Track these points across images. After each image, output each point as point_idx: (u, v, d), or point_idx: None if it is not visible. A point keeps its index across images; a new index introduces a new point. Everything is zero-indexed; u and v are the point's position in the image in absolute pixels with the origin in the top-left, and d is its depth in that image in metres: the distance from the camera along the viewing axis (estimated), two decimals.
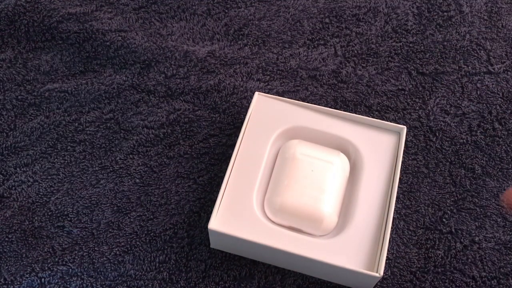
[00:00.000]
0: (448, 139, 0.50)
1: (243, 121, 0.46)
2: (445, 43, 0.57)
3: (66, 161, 0.48)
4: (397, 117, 0.51)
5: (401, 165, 0.45)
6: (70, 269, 0.42)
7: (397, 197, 0.46)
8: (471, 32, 0.58)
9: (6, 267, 0.42)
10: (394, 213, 0.45)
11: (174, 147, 0.49)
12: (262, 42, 0.56)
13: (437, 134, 0.50)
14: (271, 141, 0.45)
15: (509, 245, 0.44)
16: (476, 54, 0.56)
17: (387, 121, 0.50)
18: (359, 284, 0.41)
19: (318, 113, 0.47)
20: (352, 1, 0.60)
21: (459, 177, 0.48)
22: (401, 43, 0.57)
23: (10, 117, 0.50)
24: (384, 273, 0.38)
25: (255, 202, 0.42)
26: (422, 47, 0.56)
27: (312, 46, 0.56)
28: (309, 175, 0.42)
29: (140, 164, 0.48)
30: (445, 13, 0.59)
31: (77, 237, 0.44)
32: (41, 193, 0.46)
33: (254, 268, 0.43)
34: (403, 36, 0.57)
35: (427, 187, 0.47)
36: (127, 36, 0.56)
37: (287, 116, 0.47)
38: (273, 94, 0.52)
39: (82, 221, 0.44)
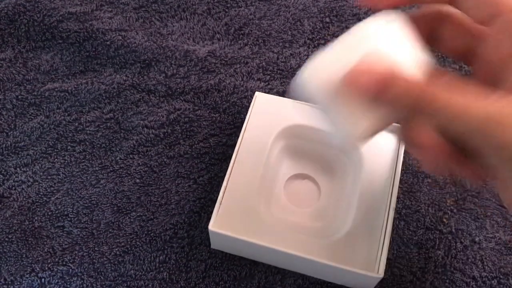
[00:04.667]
0: None
1: (244, 120, 0.46)
2: None
3: (66, 161, 0.48)
4: None
5: (401, 165, 0.45)
6: (70, 269, 0.42)
7: (397, 197, 0.46)
8: None
9: (6, 267, 0.42)
10: (394, 213, 0.45)
11: (174, 147, 0.49)
12: (263, 42, 0.56)
13: None
14: (271, 141, 0.45)
15: (509, 245, 0.44)
16: None
17: None
18: (359, 284, 0.41)
19: (318, 113, 0.47)
20: (353, 0, 0.60)
21: (459, 177, 0.48)
22: None
23: (10, 117, 0.50)
24: (384, 273, 0.38)
25: (255, 202, 0.42)
26: None
27: (313, 46, 0.56)
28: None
29: (140, 164, 0.48)
30: None
31: (77, 237, 0.44)
32: (41, 193, 0.46)
33: (254, 268, 0.43)
34: None
35: (427, 187, 0.47)
36: (127, 36, 0.55)
37: (287, 116, 0.46)
38: (273, 93, 0.52)
39: (82, 221, 0.44)
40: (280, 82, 0.53)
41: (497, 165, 0.25)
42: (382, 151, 0.45)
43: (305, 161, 0.47)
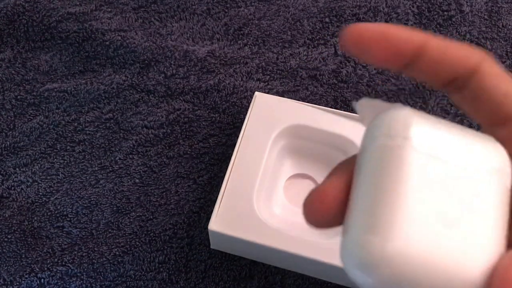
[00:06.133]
0: None
1: (243, 121, 0.46)
2: None
3: (66, 161, 0.48)
4: None
5: None
6: (70, 270, 0.42)
7: None
8: (472, 32, 0.58)
9: (6, 268, 0.42)
10: None
11: (174, 147, 0.49)
12: (262, 42, 0.56)
13: None
14: (271, 141, 0.45)
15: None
16: None
17: None
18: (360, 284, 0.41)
19: (318, 112, 0.47)
20: (352, 0, 0.60)
21: None
22: None
23: (9, 117, 0.50)
24: None
25: (255, 202, 0.42)
26: None
27: (312, 46, 0.56)
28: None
29: (140, 164, 0.47)
30: (445, 13, 0.59)
31: (77, 237, 0.44)
32: (40, 193, 0.46)
33: (254, 269, 0.42)
34: None
35: None
36: (127, 36, 0.55)
37: (287, 116, 0.46)
38: (273, 93, 0.52)
39: (82, 222, 0.44)
40: (280, 82, 0.53)
41: None
42: None
43: (305, 161, 0.47)
